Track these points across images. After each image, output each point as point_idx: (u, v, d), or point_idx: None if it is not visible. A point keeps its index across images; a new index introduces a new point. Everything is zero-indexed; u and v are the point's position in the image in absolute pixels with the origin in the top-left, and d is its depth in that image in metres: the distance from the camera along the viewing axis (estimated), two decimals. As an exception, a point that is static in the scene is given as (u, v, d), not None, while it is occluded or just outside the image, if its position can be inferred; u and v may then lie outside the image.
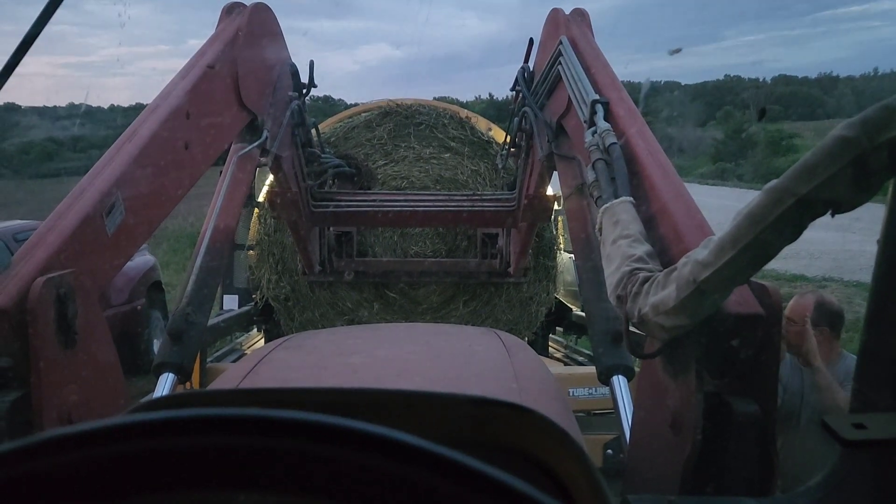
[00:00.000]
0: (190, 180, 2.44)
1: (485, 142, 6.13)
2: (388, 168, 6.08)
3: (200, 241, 2.70)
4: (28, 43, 1.36)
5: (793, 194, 1.09)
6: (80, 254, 1.67)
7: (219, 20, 3.13)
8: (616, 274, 1.57)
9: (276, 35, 3.63)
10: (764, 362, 1.40)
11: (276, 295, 5.87)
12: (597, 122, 2.23)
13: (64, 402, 1.51)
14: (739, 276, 1.25)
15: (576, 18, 3.25)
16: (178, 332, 2.42)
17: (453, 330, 2.69)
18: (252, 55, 3.10)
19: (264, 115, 3.28)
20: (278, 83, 3.55)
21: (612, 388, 2.28)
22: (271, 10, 3.45)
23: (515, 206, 4.64)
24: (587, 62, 2.74)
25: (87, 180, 1.87)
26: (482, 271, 5.76)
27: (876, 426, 0.97)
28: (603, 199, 1.88)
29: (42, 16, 1.36)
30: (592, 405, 4.04)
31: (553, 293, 6.02)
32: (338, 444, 0.41)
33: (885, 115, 0.99)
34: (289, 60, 3.80)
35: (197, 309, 2.51)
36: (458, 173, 6.08)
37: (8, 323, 1.45)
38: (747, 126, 43.84)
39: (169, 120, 2.27)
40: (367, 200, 4.97)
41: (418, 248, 6.05)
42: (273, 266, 5.91)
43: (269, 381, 1.58)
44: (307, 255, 5.29)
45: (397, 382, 1.53)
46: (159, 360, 2.40)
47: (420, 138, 6.13)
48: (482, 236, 5.75)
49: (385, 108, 6.21)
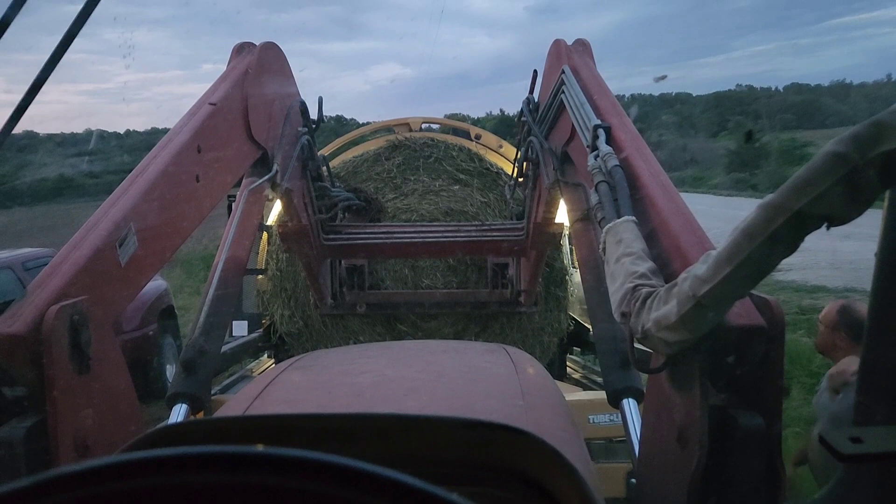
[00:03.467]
0: (201, 212, 2.50)
1: (494, 173, 6.16)
2: (398, 201, 6.13)
3: (213, 273, 2.74)
4: (46, 73, 1.40)
5: (787, 209, 1.10)
6: (94, 283, 1.71)
7: (229, 59, 3.23)
8: (620, 291, 1.58)
9: (285, 72, 3.72)
10: (768, 375, 1.40)
11: (290, 330, 5.91)
12: (599, 146, 2.28)
13: (79, 428, 1.54)
14: (738, 290, 1.26)
15: (577, 49, 3.32)
16: (191, 363, 2.46)
17: (462, 346, 2.71)
18: (261, 92, 3.18)
19: (274, 149, 3.35)
20: (288, 119, 3.62)
21: (622, 410, 2.30)
22: (280, 48, 3.56)
23: (524, 234, 4.67)
24: (589, 90, 2.80)
25: (101, 212, 1.92)
26: (493, 301, 5.77)
27: (873, 440, 0.97)
28: (606, 219, 1.91)
29: (60, 46, 1.39)
30: (613, 432, 3.90)
31: (565, 322, 6.00)
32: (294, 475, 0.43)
33: (875, 130, 1.01)
34: (297, 97, 3.88)
35: (209, 339, 2.55)
36: (468, 205, 6.11)
37: (23, 349, 1.48)
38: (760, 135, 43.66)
39: (180, 154, 2.33)
40: (378, 232, 5.02)
41: (429, 281, 6.07)
42: (286, 301, 5.97)
43: (279, 403, 1.61)
44: (319, 288, 5.33)
45: (404, 402, 1.55)
46: (172, 391, 2.43)
47: (429, 171, 6.17)
48: (492, 266, 5.76)
49: (394, 142, 6.27)
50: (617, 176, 2.05)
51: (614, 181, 2.04)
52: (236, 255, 2.91)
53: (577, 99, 2.74)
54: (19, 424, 1.46)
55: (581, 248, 3.02)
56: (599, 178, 2.11)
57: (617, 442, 3.92)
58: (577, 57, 3.21)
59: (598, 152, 2.25)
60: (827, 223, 1.11)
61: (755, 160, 39.96)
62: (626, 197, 1.94)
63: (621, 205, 1.92)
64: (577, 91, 2.79)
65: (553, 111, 3.27)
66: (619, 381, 2.35)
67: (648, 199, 1.91)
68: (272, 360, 6.11)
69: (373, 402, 1.54)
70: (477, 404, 1.54)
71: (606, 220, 1.90)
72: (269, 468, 0.43)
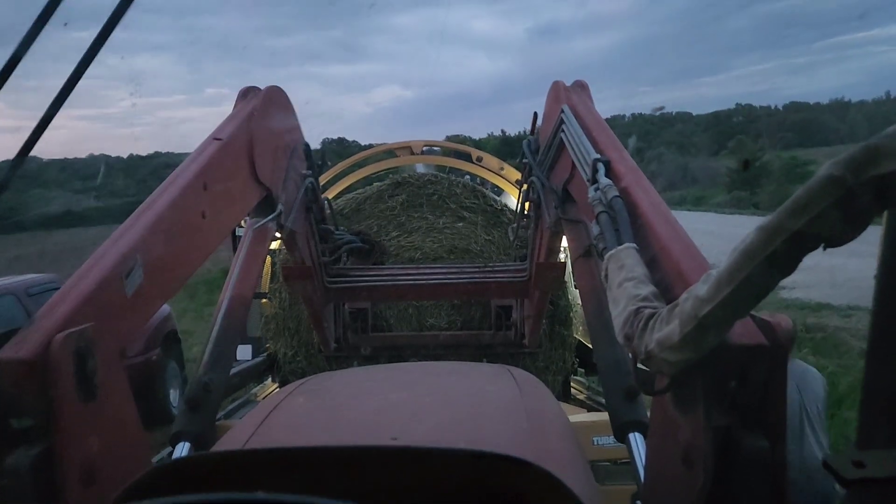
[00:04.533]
0: (207, 248, 2.53)
1: (498, 210, 6.19)
2: (402, 239, 6.14)
3: (217, 310, 2.78)
4: (61, 101, 1.42)
5: (785, 231, 1.12)
6: (100, 312, 1.72)
7: (235, 102, 3.30)
8: (623, 314, 1.59)
9: (289, 115, 3.80)
10: (771, 396, 1.41)
11: (293, 369, 5.93)
12: (599, 179, 2.31)
13: (86, 455, 1.54)
14: (739, 310, 1.27)
15: (576, 89, 3.39)
16: (195, 401, 2.47)
17: (466, 368, 2.71)
18: (266, 133, 3.25)
19: (279, 190, 3.41)
20: (292, 161, 3.69)
21: (628, 444, 2.30)
22: (284, 92, 3.64)
23: (527, 275, 4.68)
24: (588, 126, 2.85)
25: (109, 244, 1.95)
26: (497, 343, 5.77)
27: (876, 464, 0.98)
28: (608, 247, 1.93)
29: (74, 75, 1.41)
30: (618, 454, 3.86)
31: (570, 360, 6.01)
32: None
33: (869, 154, 1.03)
34: (301, 139, 3.96)
35: (214, 377, 2.57)
36: (472, 243, 6.12)
37: (30, 376, 1.49)
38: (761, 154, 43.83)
39: (187, 190, 2.37)
40: (381, 275, 5.03)
41: (434, 321, 6.08)
42: (289, 340, 6.00)
43: (283, 430, 1.61)
44: (323, 331, 5.34)
45: (411, 427, 1.55)
46: (177, 430, 2.43)
47: (433, 208, 6.20)
48: (496, 308, 5.78)
49: (397, 179, 6.32)
50: (617, 206, 2.09)
51: (615, 211, 2.07)
52: (241, 293, 2.95)
53: (576, 136, 2.80)
54: (25, 452, 1.47)
55: (583, 282, 3.05)
56: (600, 209, 2.14)
57: (621, 464, 3.87)
58: (575, 97, 3.29)
59: (598, 185, 2.29)
60: (824, 244, 1.12)
61: (756, 178, 40.10)
62: (626, 225, 1.98)
63: (622, 232, 1.95)
64: (577, 128, 2.84)
65: (553, 150, 3.33)
66: (624, 415, 2.35)
67: (648, 226, 1.94)
68: (276, 384, 6.12)
69: (378, 427, 1.54)
70: (482, 429, 1.54)
71: (608, 248, 1.93)
72: None
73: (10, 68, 1.28)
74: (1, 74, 1.31)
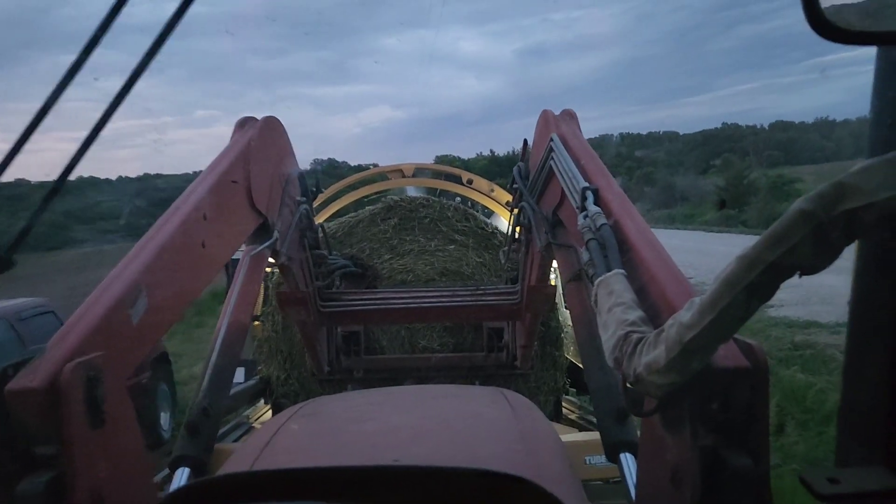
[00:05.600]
0: (206, 277, 2.60)
1: (489, 233, 6.25)
2: (394, 262, 6.18)
3: (215, 338, 2.83)
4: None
5: (762, 261, 1.19)
6: (108, 341, 1.78)
7: (232, 133, 3.38)
8: (612, 339, 1.66)
9: (285, 144, 3.89)
10: (754, 416, 1.47)
11: (286, 392, 5.95)
12: (588, 207, 2.38)
13: (94, 480, 1.59)
14: (722, 336, 1.34)
15: (565, 118, 3.48)
16: (194, 426, 2.52)
17: (461, 391, 2.76)
18: (263, 163, 3.33)
19: (274, 217, 3.49)
20: (287, 188, 3.77)
21: (619, 464, 2.36)
22: (280, 122, 3.74)
23: (519, 298, 4.75)
24: (576, 155, 2.92)
25: (114, 274, 2.01)
26: (489, 365, 5.81)
27: (849, 480, 1.04)
28: (597, 274, 1.99)
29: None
30: (609, 473, 3.93)
31: (561, 381, 6.05)
32: None
33: (837, 190, 1.10)
34: (296, 166, 4.03)
35: (213, 402, 2.62)
36: (464, 265, 6.16)
37: (42, 404, 1.54)
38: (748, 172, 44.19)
39: (187, 221, 2.44)
40: (374, 299, 5.08)
41: (426, 342, 6.11)
42: (281, 363, 6.01)
43: (287, 454, 1.66)
44: (316, 355, 5.38)
45: (411, 449, 1.61)
46: (177, 454, 2.48)
47: (425, 231, 6.24)
48: (488, 330, 5.83)
49: (389, 203, 6.38)
50: (606, 233, 2.15)
51: (603, 238, 2.14)
52: (239, 319, 3.01)
53: (565, 164, 2.87)
54: (37, 479, 1.51)
55: (574, 306, 3.11)
56: (589, 237, 2.20)
57: (613, 482, 3.93)
58: (564, 125, 3.37)
59: (587, 213, 2.35)
60: (799, 273, 1.19)
61: (744, 196, 40.40)
62: (615, 252, 2.04)
63: (611, 259, 2.01)
64: (566, 157, 2.91)
65: (543, 177, 3.40)
66: (615, 435, 2.42)
67: (636, 253, 2.01)
68: (269, 407, 6.11)
69: (382, 449, 1.60)
70: (479, 450, 1.60)
71: (597, 274, 1.99)
72: None
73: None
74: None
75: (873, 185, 1.06)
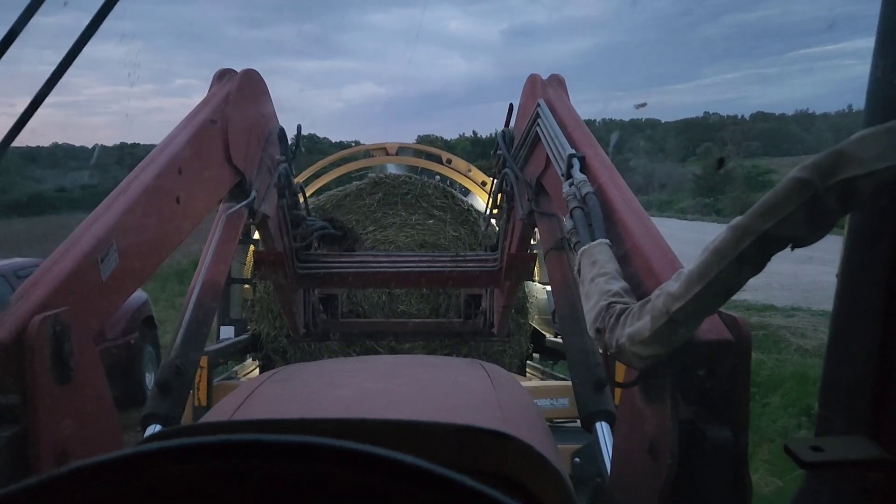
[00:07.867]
0: (181, 233, 2.52)
1: (465, 210, 6.76)
2: (378, 233, 6.68)
3: (189, 296, 2.76)
4: (48, 89, 1.39)
5: (754, 231, 1.17)
6: (75, 296, 1.72)
7: (210, 85, 3.26)
8: (594, 309, 1.64)
9: (265, 99, 3.77)
10: (735, 390, 1.47)
11: (275, 349, 6.41)
12: (574, 175, 2.33)
13: (59, 437, 1.54)
14: (709, 307, 1.32)
15: (552, 83, 3.39)
16: (166, 384, 2.46)
17: (438, 361, 2.74)
18: (241, 117, 3.22)
19: (252, 175, 3.39)
20: (266, 146, 3.67)
21: (595, 433, 2.34)
22: (260, 75, 3.60)
23: (498, 265, 4.73)
24: (563, 121, 2.86)
25: (83, 228, 1.94)
26: (466, 331, 5.89)
27: (832, 448, 1.04)
28: (581, 242, 1.96)
29: (63, 62, 1.38)
30: (555, 415, 4.31)
31: (525, 345, 6.55)
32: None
33: (834, 159, 1.08)
34: (276, 123, 3.92)
35: (185, 361, 2.56)
36: (441, 238, 6.64)
37: (6, 358, 1.49)
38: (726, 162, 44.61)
39: (162, 174, 2.35)
40: (352, 262, 5.04)
41: (405, 307, 6.49)
42: (272, 321, 6.44)
43: (262, 414, 1.63)
44: (292, 317, 5.34)
45: (387, 414, 1.58)
46: (147, 412, 2.42)
47: (407, 206, 6.74)
48: (466, 297, 5.88)
49: (375, 179, 6.87)
50: (591, 202, 2.11)
51: (588, 207, 2.10)
52: (213, 278, 2.92)
53: (552, 130, 2.81)
54: (1, 433, 1.47)
55: (555, 275, 3.08)
56: (574, 205, 2.17)
57: (559, 424, 4.39)
58: (551, 91, 3.29)
59: (572, 180, 2.31)
60: (791, 245, 1.18)
61: (721, 185, 40.80)
62: (599, 221, 2.01)
63: (595, 228, 1.98)
64: (552, 123, 2.85)
65: (528, 143, 3.34)
66: (592, 405, 2.40)
67: (621, 223, 1.98)
68: (257, 363, 6.56)
69: (358, 413, 1.57)
70: (457, 416, 1.58)
71: (581, 243, 1.96)
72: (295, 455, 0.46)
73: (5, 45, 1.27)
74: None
75: (872, 154, 1.04)
